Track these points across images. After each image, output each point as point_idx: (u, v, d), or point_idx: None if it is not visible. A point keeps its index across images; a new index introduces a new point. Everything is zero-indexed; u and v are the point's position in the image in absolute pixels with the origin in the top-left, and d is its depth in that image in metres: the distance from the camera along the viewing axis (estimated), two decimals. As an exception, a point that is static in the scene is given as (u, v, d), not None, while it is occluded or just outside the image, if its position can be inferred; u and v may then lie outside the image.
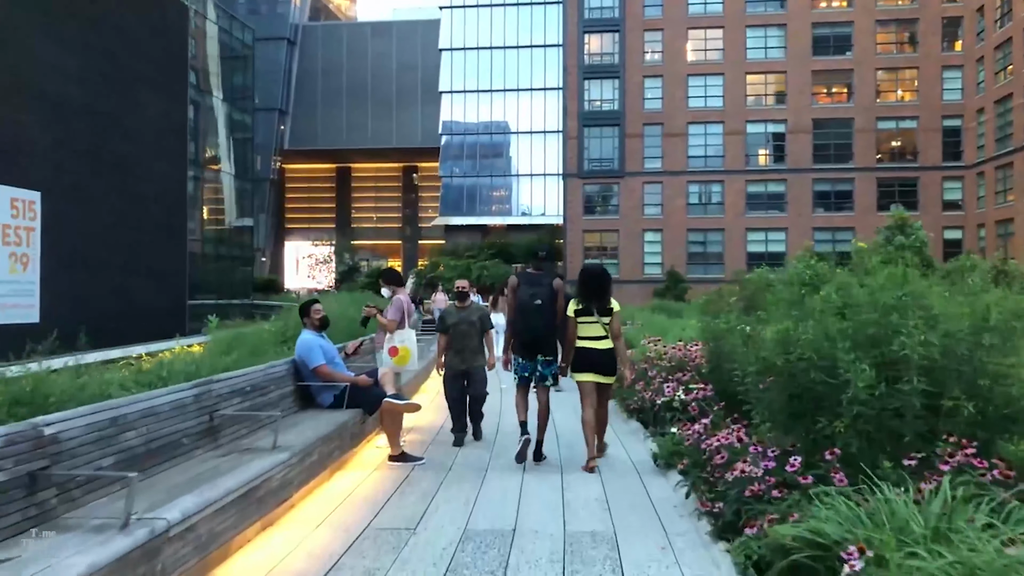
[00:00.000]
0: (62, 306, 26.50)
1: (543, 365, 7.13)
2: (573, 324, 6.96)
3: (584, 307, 6.95)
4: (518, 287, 7.15)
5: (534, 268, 7.34)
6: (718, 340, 7.85)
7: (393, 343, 7.71)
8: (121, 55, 29.31)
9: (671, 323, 15.26)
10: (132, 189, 29.91)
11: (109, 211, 28.51)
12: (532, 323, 7.03)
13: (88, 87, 27.73)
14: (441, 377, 8.48)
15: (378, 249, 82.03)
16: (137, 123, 30.37)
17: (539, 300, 7.00)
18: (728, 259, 48.33)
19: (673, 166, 49.11)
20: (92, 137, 28.20)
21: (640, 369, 9.07)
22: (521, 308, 7.07)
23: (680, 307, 22.65)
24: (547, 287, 7.09)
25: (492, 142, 68.98)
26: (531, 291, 7.04)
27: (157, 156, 31.93)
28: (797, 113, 48.16)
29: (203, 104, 41.36)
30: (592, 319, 6.92)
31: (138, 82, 30.40)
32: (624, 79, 49.78)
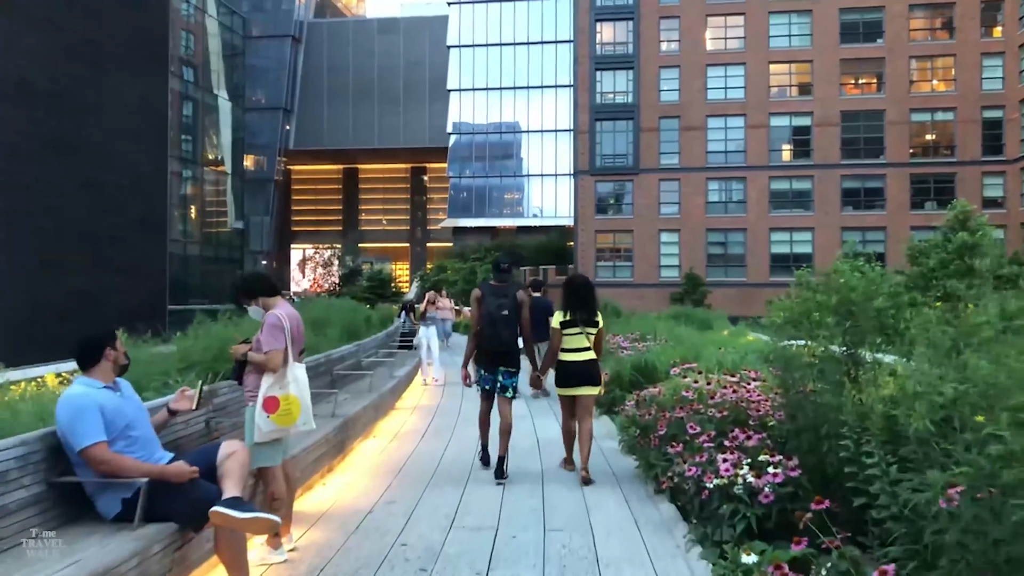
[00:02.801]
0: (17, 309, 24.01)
1: (505, 376, 6.97)
2: (558, 336, 6.91)
3: (570, 319, 6.88)
4: (482, 298, 6.99)
5: (498, 279, 7.13)
6: (802, 380, 5.01)
7: (271, 391, 4.80)
8: (92, 35, 26.87)
9: (700, 336, 12.44)
10: (102, 180, 27.43)
11: (75, 204, 26.04)
12: (499, 332, 6.89)
13: (54, 69, 25.28)
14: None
15: (386, 252, 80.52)
16: (109, 109, 27.96)
17: (506, 311, 6.88)
18: (750, 261, 45.53)
19: (691, 162, 46.39)
20: (56, 123, 25.75)
21: (674, 419, 6.10)
22: (488, 318, 6.91)
23: (706, 315, 19.62)
24: (512, 297, 6.96)
25: (502, 141, 67.76)
26: (497, 302, 6.92)
27: (132, 146, 29.49)
28: (824, 105, 45.21)
29: (186, 94, 38.86)
30: (577, 331, 6.88)
31: (111, 65, 27.98)
32: (639, 70, 47.11)
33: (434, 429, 9.04)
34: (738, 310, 35.13)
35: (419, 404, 11.17)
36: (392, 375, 10.58)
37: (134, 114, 29.66)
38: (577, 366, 6.83)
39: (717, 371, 8.31)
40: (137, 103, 29.94)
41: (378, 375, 10.48)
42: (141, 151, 30.11)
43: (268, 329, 4.82)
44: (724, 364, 8.86)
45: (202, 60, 41.20)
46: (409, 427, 9.16)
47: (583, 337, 6.85)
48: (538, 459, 7.59)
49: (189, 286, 37.21)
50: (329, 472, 6.77)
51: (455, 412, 10.47)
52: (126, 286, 28.53)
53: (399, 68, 78.87)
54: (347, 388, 8.92)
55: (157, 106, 32.06)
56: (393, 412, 10.17)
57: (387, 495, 6.21)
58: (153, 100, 31.65)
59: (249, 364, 4.91)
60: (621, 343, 11.39)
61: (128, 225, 28.91)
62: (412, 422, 9.53)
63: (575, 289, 7.03)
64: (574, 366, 6.84)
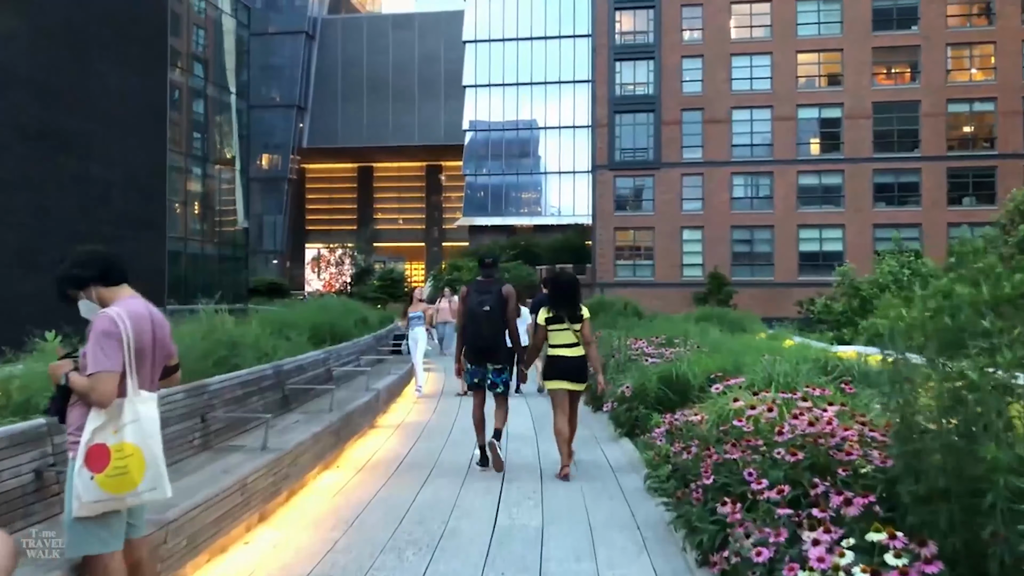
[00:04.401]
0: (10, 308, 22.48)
1: (494, 373, 7.01)
2: (543, 332, 6.98)
3: (555, 315, 6.93)
4: (467, 295, 7.09)
5: (484, 276, 7.20)
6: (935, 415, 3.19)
7: (98, 437, 3.00)
8: (81, 20, 25.37)
9: (735, 340, 10.61)
10: (92, 175, 25.96)
11: (61, 199, 24.56)
12: (480, 330, 6.92)
13: (38, 56, 23.80)
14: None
15: (402, 252, 79.42)
16: (100, 100, 26.46)
17: (487, 307, 6.90)
18: (778, 259, 43.53)
19: (715, 156, 44.39)
20: (42, 114, 24.26)
21: (724, 461, 4.26)
22: (470, 315, 6.97)
23: (738, 316, 17.63)
24: (496, 294, 6.99)
25: (518, 138, 66.63)
26: (480, 298, 6.97)
27: (127, 139, 28.00)
28: (855, 96, 43.04)
29: (188, 86, 37.41)
30: (563, 327, 6.91)
31: (101, 52, 26.47)
32: (660, 60, 45.15)
33: (414, 457, 7.29)
34: (765, 311, 33.16)
35: (404, 421, 9.43)
36: (369, 388, 8.81)
37: (129, 106, 28.20)
38: (566, 361, 6.87)
39: (771, 388, 6.49)
40: (132, 94, 28.48)
41: (352, 387, 8.79)
42: (137, 145, 28.65)
43: (96, 338, 3.06)
44: (776, 378, 7.03)
45: (206, 52, 39.77)
46: (384, 454, 7.41)
47: (570, 333, 6.88)
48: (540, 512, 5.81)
49: (191, 286, 35.72)
50: (261, 522, 5.03)
51: (445, 432, 8.72)
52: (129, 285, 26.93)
53: (414, 64, 77.88)
54: (305, 407, 7.18)
55: (155, 98, 30.59)
56: (370, 433, 8.43)
57: (331, 557, 4.46)
58: (150, 92, 30.18)
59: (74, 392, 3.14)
60: (645, 349, 9.58)
61: (121, 222, 27.43)
62: (390, 446, 7.79)
63: (559, 285, 7.14)
64: (562, 361, 6.87)
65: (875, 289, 17.17)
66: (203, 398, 5.10)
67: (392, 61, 78.10)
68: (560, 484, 6.20)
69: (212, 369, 6.43)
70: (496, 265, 7.41)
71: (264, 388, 6.36)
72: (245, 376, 5.93)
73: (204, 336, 7.04)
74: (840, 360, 8.16)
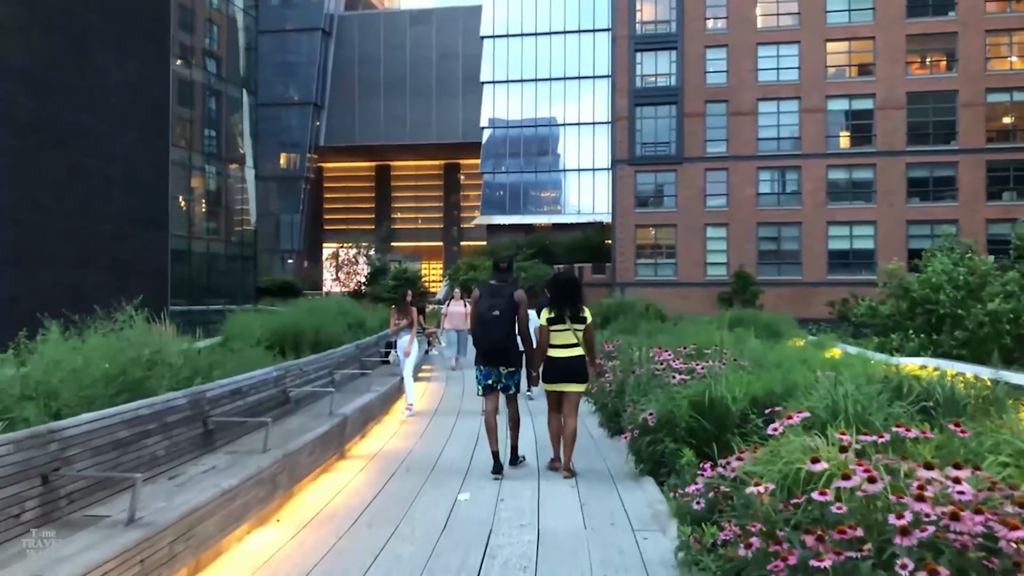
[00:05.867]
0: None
1: (506, 376, 6.99)
2: (545, 333, 6.90)
3: (556, 315, 6.87)
4: (479, 298, 7.05)
5: (498, 279, 7.16)
6: None
7: None
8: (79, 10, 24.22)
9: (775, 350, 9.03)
10: (89, 170, 24.83)
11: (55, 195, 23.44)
12: (489, 333, 6.89)
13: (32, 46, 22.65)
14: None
15: (419, 251, 78.61)
16: (99, 93, 25.34)
17: (497, 311, 6.86)
18: (806, 257, 41.73)
19: (740, 150, 42.59)
20: (36, 107, 23.13)
21: (815, 569, 2.75)
22: (480, 319, 6.95)
23: (772, 319, 15.74)
24: (507, 298, 6.93)
25: (537, 135, 65.54)
26: (490, 302, 6.93)
27: (125, 133, 26.86)
28: (888, 86, 41.08)
29: (194, 80, 36.23)
30: (564, 327, 6.85)
31: (102, 44, 25.33)
32: (682, 50, 43.42)
33: (381, 505, 5.80)
34: (793, 312, 31.43)
35: (383, 449, 7.94)
36: (334, 413, 7.23)
37: (129, 100, 27.06)
38: (564, 362, 6.81)
39: (839, 422, 4.95)
40: (133, 87, 27.35)
41: (313, 412, 7.32)
42: (138, 140, 27.53)
43: None
44: (844, 407, 5.46)
45: (213, 45, 38.60)
46: (343, 499, 5.93)
47: (570, 333, 6.84)
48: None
49: (197, 286, 34.59)
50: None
51: (428, 464, 7.23)
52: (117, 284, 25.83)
53: (431, 61, 77.02)
54: (235, 445, 5.68)
55: (157, 92, 29.42)
56: (337, 467, 6.94)
57: None
58: (152, 85, 29.03)
59: None
60: (672, 363, 8.03)
61: (119, 219, 26.32)
62: (354, 487, 6.30)
63: (561, 285, 7.08)
64: (560, 362, 6.82)
65: (926, 290, 15.50)
66: (49, 449, 3.64)
67: (409, 57, 77.25)
68: (564, 551, 4.68)
69: (113, 400, 5.05)
70: (511, 269, 7.34)
71: (170, 425, 4.86)
72: (133, 411, 4.43)
73: (115, 354, 5.63)
74: (917, 380, 6.57)
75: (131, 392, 5.52)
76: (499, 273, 7.21)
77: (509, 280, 7.21)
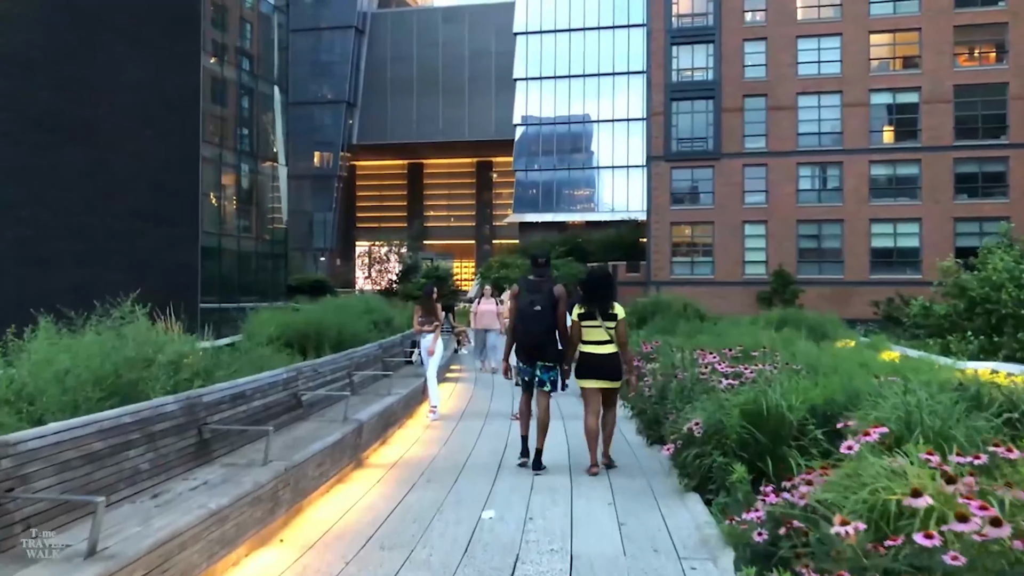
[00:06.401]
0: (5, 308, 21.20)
1: (542, 371, 6.94)
2: (577, 328, 6.88)
3: (588, 311, 6.86)
4: (519, 294, 7.07)
5: (536, 275, 7.11)
6: None
7: None
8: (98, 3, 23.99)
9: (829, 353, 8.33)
10: (111, 167, 24.59)
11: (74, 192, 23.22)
12: (530, 329, 6.88)
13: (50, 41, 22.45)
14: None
15: (451, 249, 78.40)
16: (123, 89, 25.10)
17: (538, 306, 6.85)
18: (848, 256, 40.47)
19: (780, 145, 41.41)
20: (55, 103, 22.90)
21: None
22: (520, 314, 6.95)
23: (818, 319, 14.79)
24: (547, 293, 6.91)
25: (570, 132, 64.97)
26: (530, 297, 6.91)
27: (151, 129, 26.65)
28: (934, 79, 39.70)
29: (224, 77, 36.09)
30: (596, 323, 6.82)
31: (124, 39, 25.09)
32: (720, 43, 42.38)
33: (399, 521, 5.22)
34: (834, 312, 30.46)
35: (404, 456, 7.37)
36: (348, 418, 6.64)
37: (155, 96, 26.80)
38: (598, 359, 6.78)
39: (918, 439, 4.29)
40: (159, 83, 27.10)
41: (327, 418, 6.74)
42: (164, 137, 27.29)
43: None
44: (921, 419, 4.77)
45: (243, 42, 38.47)
46: (357, 515, 5.36)
47: (602, 330, 6.80)
48: None
49: (227, 283, 34.44)
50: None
51: (454, 472, 6.64)
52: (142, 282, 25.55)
53: (464, 58, 76.73)
54: (233, 456, 5.10)
55: (185, 88, 29.21)
56: (352, 477, 6.39)
57: None
58: (182, 81, 28.81)
59: None
60: (717, 365, 7.35)
61: (144, 216, 26.05)
62: (370, 501, 5.73)
63: (593, 282, 7.07)
64: (595, 359, 6.79)
65: (986, 288, 14.54)
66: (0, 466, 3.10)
67: (442, 55, 77.03)
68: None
69: (99, 404, 4.54)
70: (548, 264, 7.31)
71: (157, 434, 4.29)
72: (113, 419, 3.86)
73: (108, 353, 5.13)
74: (999, 387, 5.83)
75: (123, 395, 5.01)
76: (537, 268, 7.17)
77: (547, 275, 7.15)
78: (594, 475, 6.59)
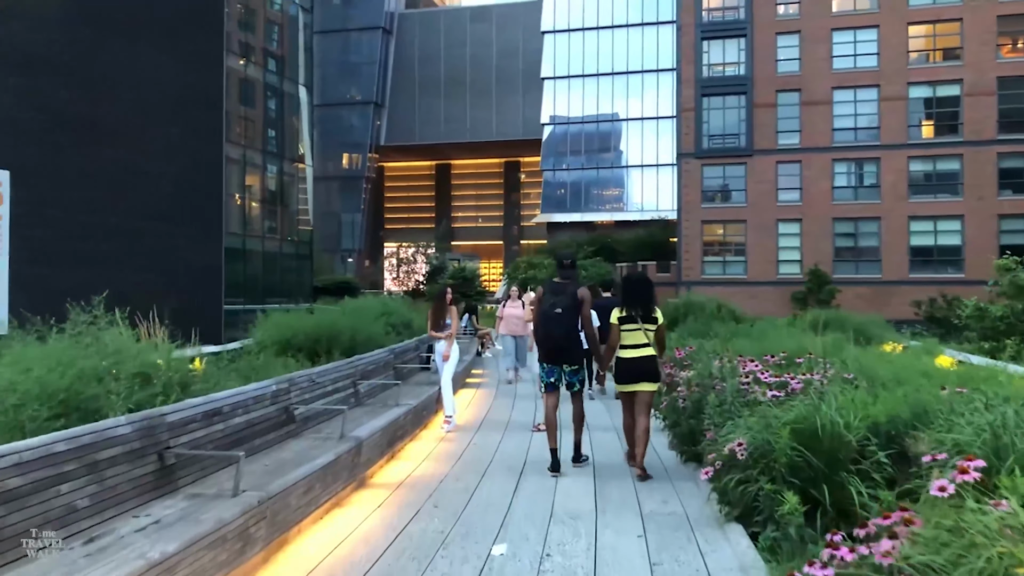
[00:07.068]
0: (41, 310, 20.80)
1: (569, 373, 6.94)
2: (616, 332, 6.86)
3: (628, 315, 6.85)
4: (542, 296, 7.04)
5: (561, 277, 7.09)
6: None
7: None
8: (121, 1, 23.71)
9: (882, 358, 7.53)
10: (135, 167, 24.28)
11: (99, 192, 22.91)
12: (552, 331, 6.84)
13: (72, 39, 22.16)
14: None
15: (479, 250, 78.06)
16: (147, 88, 24.78)
17: (559, 309, 6.82)
18: (886, 254, 39.23)
19: (814, 141, 40.26)
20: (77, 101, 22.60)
21: None
22: (543, 317, 6.92)
23: (863, 321, 13.88)
24: (570, 295, 6.87)
25: (599, 131, 64.20)
26: (553, 300, 6.89)
27: (175, 129, 26.33)
28: (977, 70, 38.32)
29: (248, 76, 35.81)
30: (636, 327, 6.81)
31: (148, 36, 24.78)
32: (752, 37, 41.32)
33: (395, 561, 4.52)
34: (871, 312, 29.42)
35: (412, 474, 6.68)
36: (346, 436, 5.82)
37: (178, 95, 26.47)
38: (636, 362, 6.75)
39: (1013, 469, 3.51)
40: (182, 82, 26.77)
41: (323, 434, 6.05)
42: (188, 136, 26.97)
43: None
44: (1007, 440, 4.00)
45: (268, 41, 38.17)
46: (350, 549, 4.68)
47: (641, 333, 6.78)
48: None
49: (252, 285, 34.12)
50: None
51: (463, 498, 5.93)
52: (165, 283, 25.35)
53: (491, 58, 76.39)
54: (206, 482, 4.41)
55: (209, 87, 28.87)
56: (351, 500, 5.71)
57: None
58: (204, 80, 28.48)
59: None
60: (760, 374, 6.58)
61: (168, 217, 25.73)
62: (366, 531, 5.05)
63: (633, 285, 7.04)
64: (633, 362, 6.76)
65: (1046, 288, 13.60)
66: None
67: (469, 55, 76.71)
68: None
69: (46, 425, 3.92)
70: (574, 266, 7.27)
71: (103, 463, 3.59)
72: (39, 448, 3.07)
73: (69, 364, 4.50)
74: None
75: (79, 413, 4.39)
76: (562, 270, 7.13)
77: (573, 277, 7.11)
78: (632, 465, 6.79)
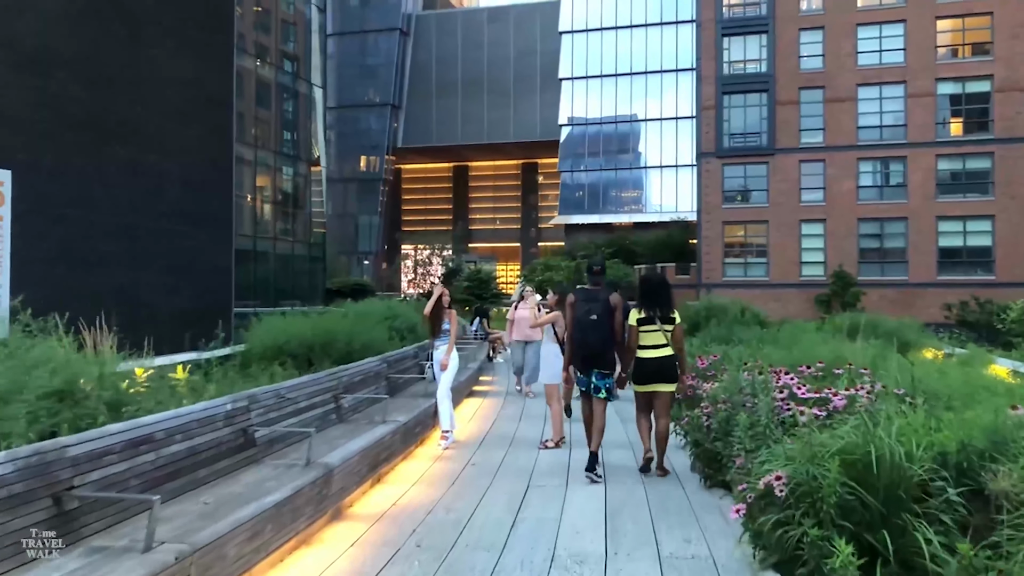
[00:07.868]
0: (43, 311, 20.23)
1: (598, 378, 6.98)
2: (635, 333, 6.94)
3: (646, 316, 6.92)
4: (575, 303, 7.06)
5: (592, 283, 7.16)
6: None
7: None
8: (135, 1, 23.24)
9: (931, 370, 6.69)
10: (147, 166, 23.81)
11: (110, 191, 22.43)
12: (588, 338, 6.89)
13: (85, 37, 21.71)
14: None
15: (497, 252, 77.53)
16: (158, 86, 24.31)
17: (595, 315, 6.86)
18: (913, 255, 38.05)
19: (839, 139, 39.21)
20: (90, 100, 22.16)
21: None
22: (578, 323, 6.97)
23: (898, 325, 12.94)
24: (603, 302, 6.94)
25: (617, 132, 63.49)
26: (587, 306, 6.93)
27: (186, 128, 25.84)
28: (1008, 66, 37.11)
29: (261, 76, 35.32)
30: (654, 328, 6.90)
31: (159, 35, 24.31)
32: (774, 34, 40.29)
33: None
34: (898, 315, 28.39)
35: (398, 502, 5.88)
36: (312, 461, 5.03)
37: (190, 94, 26.00)
38: (654, 363, 6.83)
39: None
40: (193, 81, 26.30)
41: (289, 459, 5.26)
42: (199, 136, 26.49)
43: None
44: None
45: (282, 43, 37.70)
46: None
47: (660, 334, 6.85)
48: None
49: (263, 286, 33.62)
50: None
51: (452, 533, 5.14)
52: (175, 284, 24.89)
53: (509, 59, 75.91)
54: (117, 529, 3.60)
55: (219, 87, 28.37)
56: (321, 536, 4.94)
57: None
58: (214, 80, 27.99)
59: None
60: (795, 389, 5.74)
61: (179, 217, 25.24)
62: None
63: (651, 287, 7.11)
64: (651, 363, 6.83)
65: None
66: None
67: (487, 56, 76.31)
68: None
69: None
70: (603, 272, 7.32)
71: None
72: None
73: None
74: None
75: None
76: (592, 276, 7.17)
77: (603, 283, 7.16)
78: (647, 468, 6.95)
